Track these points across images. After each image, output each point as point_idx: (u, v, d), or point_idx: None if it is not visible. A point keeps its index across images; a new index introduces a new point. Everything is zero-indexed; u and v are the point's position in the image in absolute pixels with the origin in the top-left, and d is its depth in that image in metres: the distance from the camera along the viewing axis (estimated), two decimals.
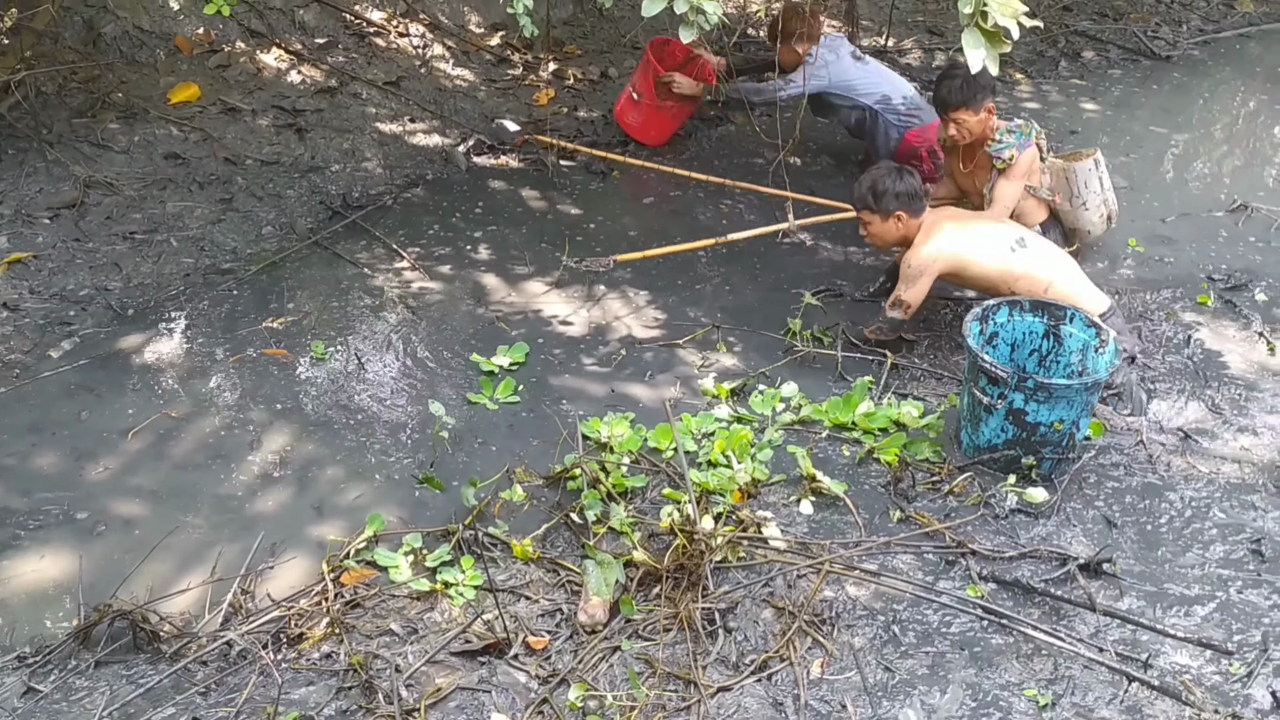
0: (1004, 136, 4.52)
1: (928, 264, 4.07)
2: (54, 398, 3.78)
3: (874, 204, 4.11)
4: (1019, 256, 4.07)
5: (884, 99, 5.29)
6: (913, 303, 4.13)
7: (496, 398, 3.94)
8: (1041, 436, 3.61)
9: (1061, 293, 4.03)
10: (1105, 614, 3.14)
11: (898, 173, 4.13)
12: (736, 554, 3.29)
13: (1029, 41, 7.30)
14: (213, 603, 3.07)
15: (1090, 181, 4.66)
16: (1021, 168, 4.50)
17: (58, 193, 4.80)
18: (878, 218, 4.13)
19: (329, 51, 5.98)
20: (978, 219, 4.30)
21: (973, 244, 4.11)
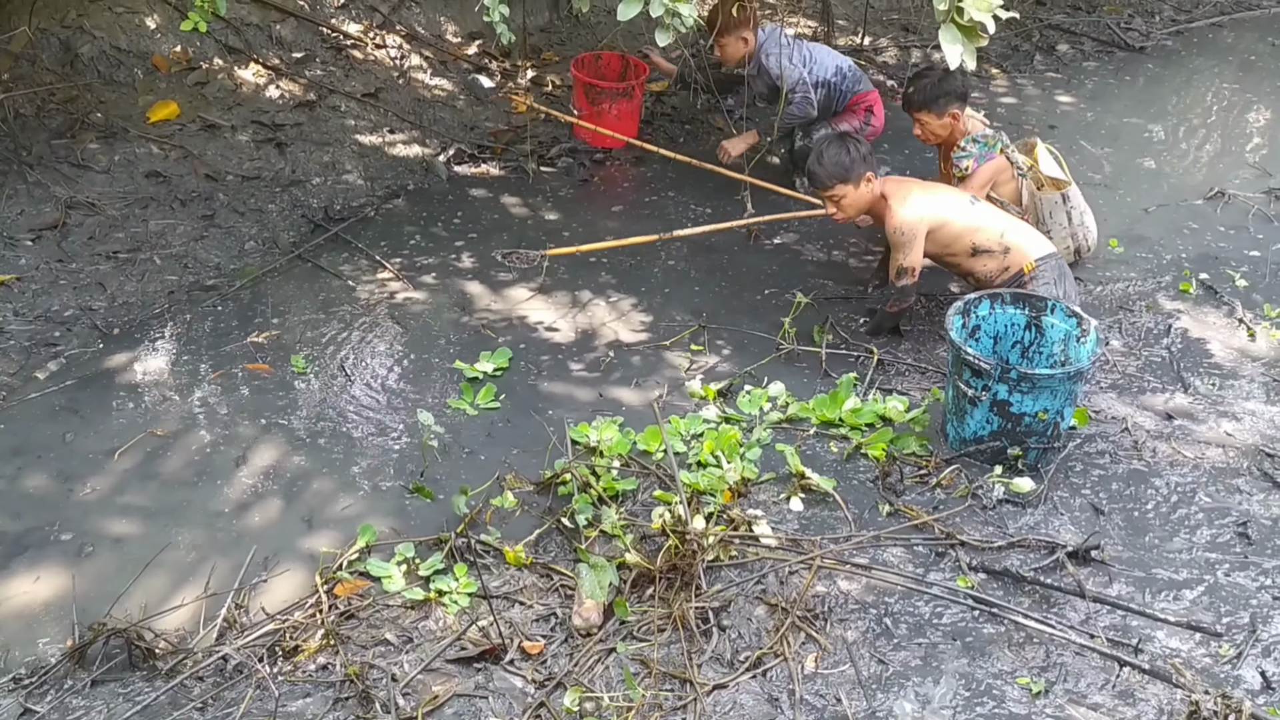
0: (968, 145, 4.57)
1: (916, 225, 4.15)
2: (41, 419, 3.77)
3: (846, 175, 4.15)
4: (976, 210, 4.26)
5: (838, 70, 5.31)
6: (914, 265, 4.19)
7: (477, 403, 3.95)
8: (1027, 427, 3.64)
9: (1014, 240, 4.21)
10: (1095, 600, 3.17)
11: (849, 139, 4.21)
12: (728, 553, 3.31)
13: (1003, 36, 7.36)
14: (207, 618, 3.07)
15: (1055, 214, 4.69)
16: (979, 180, 4.55)
17: (39, 214, 4.79)
18: (850, 187, 4.18)
19: (307, 65, 5.98)
20: (926, 184, 4.39)
21: (944, 203, 4.25)
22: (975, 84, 6.85)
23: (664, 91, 6.30)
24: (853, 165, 4.13)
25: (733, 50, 5.20)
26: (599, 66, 5.84)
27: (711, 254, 4.93)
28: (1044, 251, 4.22)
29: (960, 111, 4.62)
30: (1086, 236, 4.78)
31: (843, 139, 4.20)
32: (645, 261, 4.88)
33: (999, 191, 4.66)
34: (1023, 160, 4.64)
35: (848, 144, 4.16)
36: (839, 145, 4.16)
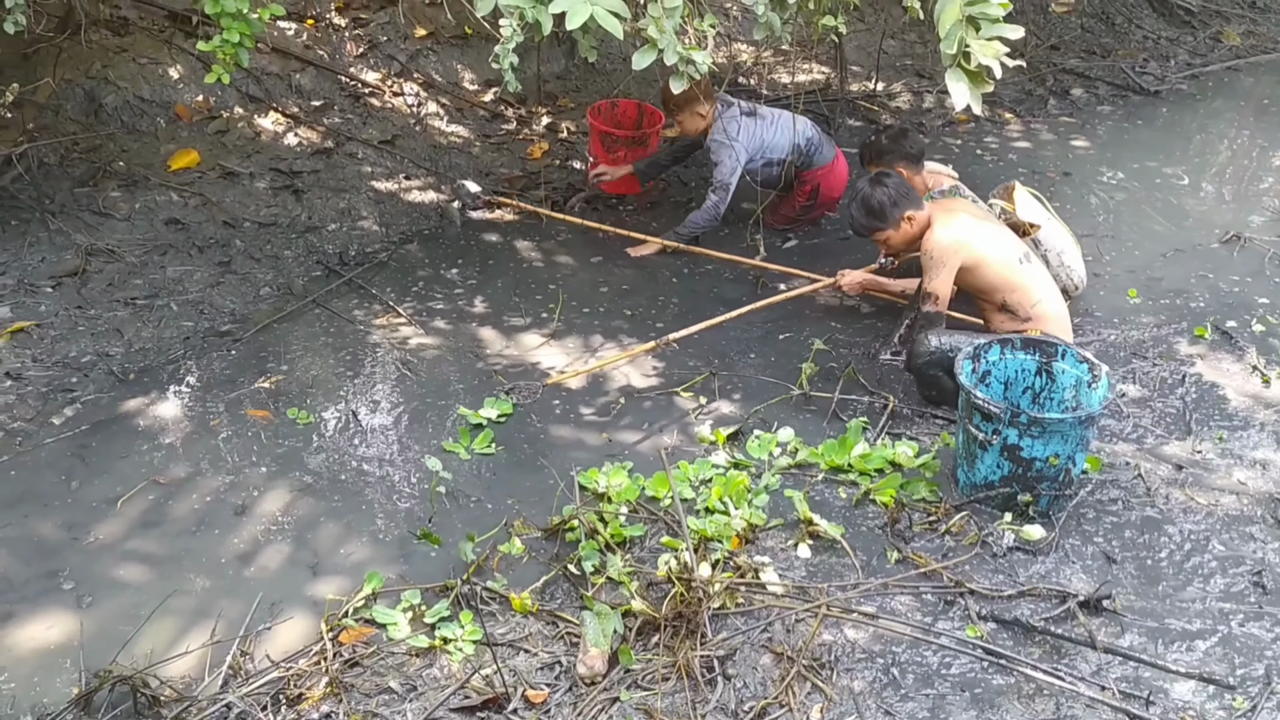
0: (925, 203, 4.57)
1: (950, 252, 4.04)
2: (56, 464, 3.81)
3: (881, 221, 4.13)
4: (1024, 270, 4.12)
5: (794, 148, 5.29)
6: (940, 293, 4.08)
7: (472, 449, 3.96)
8: (1037, 472, 3.62)
9: (1045, 312, 4.11)
10: (1106, 651, 3.13)
11: (877, 183, 4.16)
12: (735, 600, 3.29)
13: (1017, 81, 7.38)
14: (212, 665, 3.08)
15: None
16: None
17: (60, 261, 4.87)
18: (890, 230, 4.15)
19: (325, 113, 6.08)
20: (988, 218, 4.30)
21: (990, 242, 4.10)
22: (989, 128, 6.89)
23: (679, 138, 6.34)
24: (883, 210, 4.12)
25: (690, 124, 5.24)
26: (615, 114, 5.89)
27: (722, 302, 4.94)
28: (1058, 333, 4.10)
29: (908, 171, 4.63)
30: (1070, 276, 4.73)
31: (874, 184, 4.15)
32: (656, 307, 4.89)
33: None
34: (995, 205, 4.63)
35: (877, 190, 4.12)
36: (870, 191, 4.14)
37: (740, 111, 5.23)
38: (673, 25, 3.67)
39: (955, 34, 3.73)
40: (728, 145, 5.13)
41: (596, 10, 3.58)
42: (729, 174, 5.16)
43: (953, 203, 4.30)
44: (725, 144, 5.13)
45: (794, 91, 6.71)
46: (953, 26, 3.74)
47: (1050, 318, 4.11)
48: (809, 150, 5.36)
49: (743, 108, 5.27)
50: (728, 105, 5.24)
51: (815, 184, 5.46)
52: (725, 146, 5.14)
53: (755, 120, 5.25)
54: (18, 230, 4.98)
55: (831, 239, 5.55)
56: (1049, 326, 4.08)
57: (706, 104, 5.17)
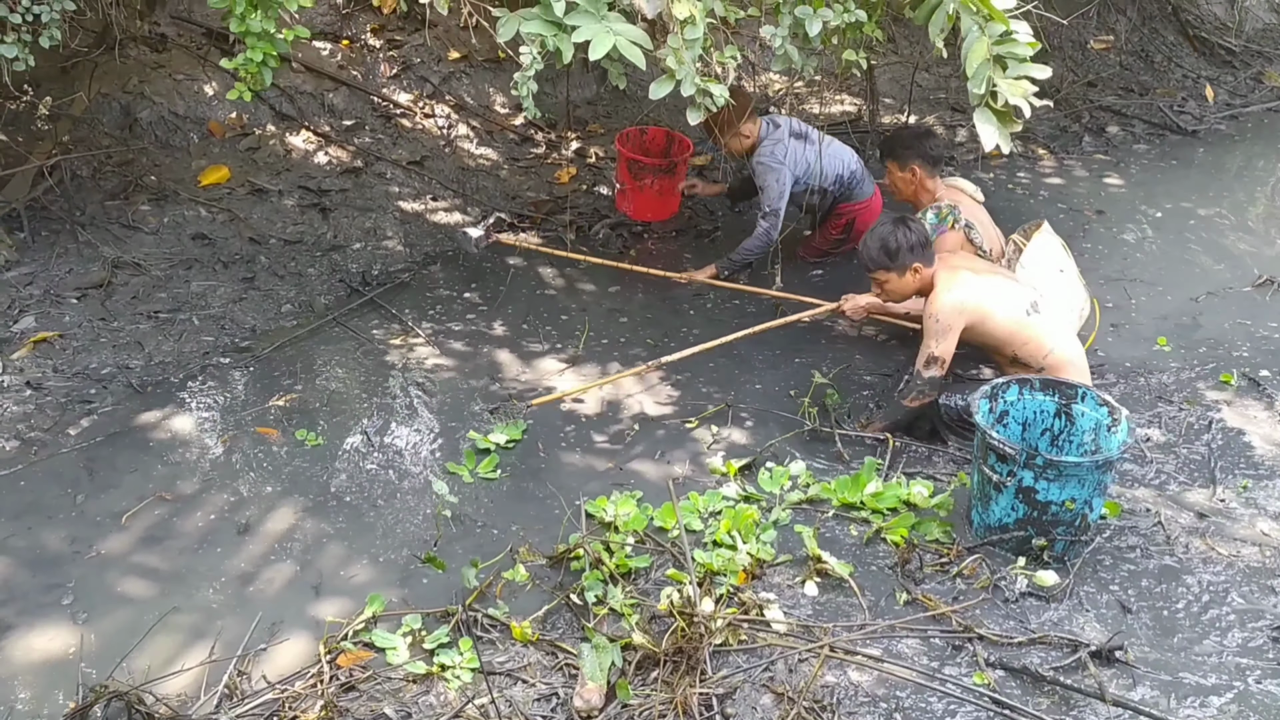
0: (924, 216, 4.52)
1: (955, 315, 3.98)
2: (65, 475, 3.83)
3: (890, 262, 4.06)
4: (1032, 321, 4.06)
5: (837, 179, 5.25)
6: (945, 357, 4.02)
7: (476, 472, 3.94)
8: (1053, 516, 3.55)
9: (1058, 360, 4.05)
10: (1116, 704, 3.05)
11: (903, 225, 4.08)
12: (737, 637, 3.24)
13: (1052, 117, 7.32)
14: (209, 684, 3.07)
15: None
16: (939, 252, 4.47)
17: (87, 273, 4.92)
18: (894, 274, 4.08)
19: (356, 133, 6.12)
20: (994, 271, 4.23)
21: (994, 298, 4.05)
22: (1021, 163, 6.83)
23: (707, 166, 6.34)
24: (897, 253, 4.03)
25: (735, 145, 5.17)
26: (643, 141, 5.88)
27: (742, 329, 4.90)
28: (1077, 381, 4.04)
29: (923, 171, 4.59)
30: None
31: (898, 224, 4.08)
32: (677, 338, 4.87)
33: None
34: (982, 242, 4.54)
35: (899, 230, 4.05)
36: (889, 229, 4.06)
37: (789, 133, 5.15)
38: (692, 56, 3.66)
39: (983, 73, 3.71)
40: (774, 169, 5.07)
41: (619, 41, 3.58)
42: (776, 199, 5.09)
43: (954, 258, 4.22)
44: (771, 167, 5.08)
45: (824, 123, 6.67)
46: (980, 66, 3.71)
47: (1064, 364, 4.05)
48: (851, 182, 5.32)
49: (793, 129, 5.18)
50: (776, 126, 5.17)
51: (851, 218, 5.41)
52: (771, 170, 5.07)
53: (804, 143, 5.15)
54: (47, 241, 5.04)
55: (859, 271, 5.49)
56: (1064, 374, 4.01)
57: (748, 123, 5.13)
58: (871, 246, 4.09)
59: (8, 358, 4.36)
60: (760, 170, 5.10)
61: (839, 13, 3.85)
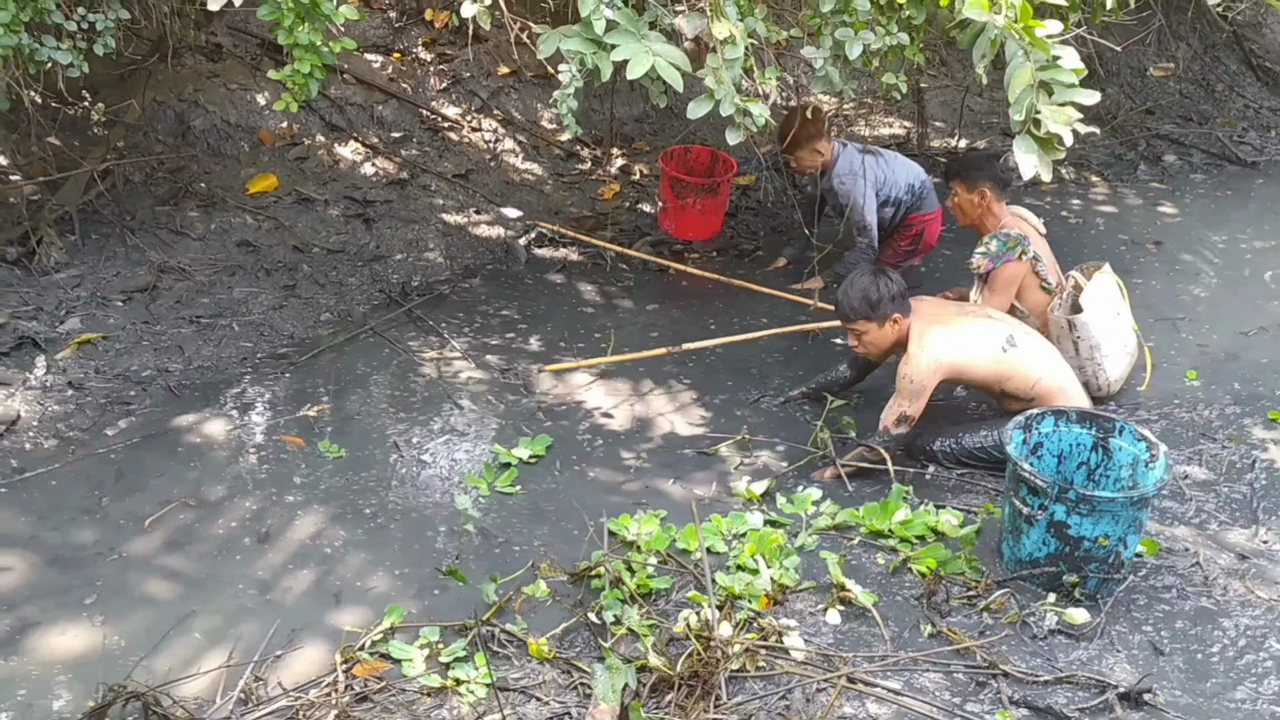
0: (990, 242, 4.45)
1: (929, 376, 3.96)
2: (99, 475, 3.89)
3: (871, 312, 4.01)
4: (1010, 355, 4.02)
5: (909, 188, 5.31)
6: (916, 416, 4.01)
7: (494, 485, 3.95)
8: (1086, 552, 3.46)
9: (1047, 388, 4.02)
10: None
11: (882, 276, 4.04)
12: (755, 663, 3.20)
13: (1107, 144, 7.21)
14: (226, 688, 3.09)
15: (1063, 339, 4.37)
16: (1000, 282, 4.43)
17: (133, 277, 5.01)
18: (874, 325, 4.03)
19: (404, 145, 6.18)
20: (963, 316, 4.15)
21: (966, 348, 4.02)
22: (1074, 190, 6.73)
23: (751, 185, 6.32)
24: (879, 304, 3.98)
25: (807, 162, 5.23)
26: (688, 160, 5.88)
27: (775, 350, 4.87)
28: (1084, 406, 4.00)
29: (992, 195, 4.52)
30: (1098, 374, 4.40)
31: (877, 275, 4.03)
32: (712, 354, 4.85)
33: (1023, 299, 4.50)
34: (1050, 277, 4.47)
35: (879, 281, 4.00)
36: (870, 280, 4.01)
37: (857, 150, 5.27)
38: (732, 76, 3.65)
39: (1025, 99, 3.64)
40: (855, 183, 5.14)
41: (658, 61, 3.58)
42: (864, 210, 5.19)
43: (920, 305, 4.14)
44: (853, 181, 5.14)
45: (872, 145, 6.63)
46: (1023, 92, 3.65)
47: (1053, 392, 4.02)
48: (921, 191, 5.36)
49: (857, 147, 5.31)
50: (845, 145, 5.29)
51: (920, 229, 5.43)
52: (854, 184, 5.15)
53: (876, 159, 5.28)
54: (97, 244, 5.14)
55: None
56: (1056, 401, 3.98)
57: (824, 141, 5.17)
58: (852, 296, 4.03)
59: (52, 357, 4.45)
60: (843, 189, 5.19)
61: (880, 35, 3.82)
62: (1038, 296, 4.48)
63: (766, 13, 3.90)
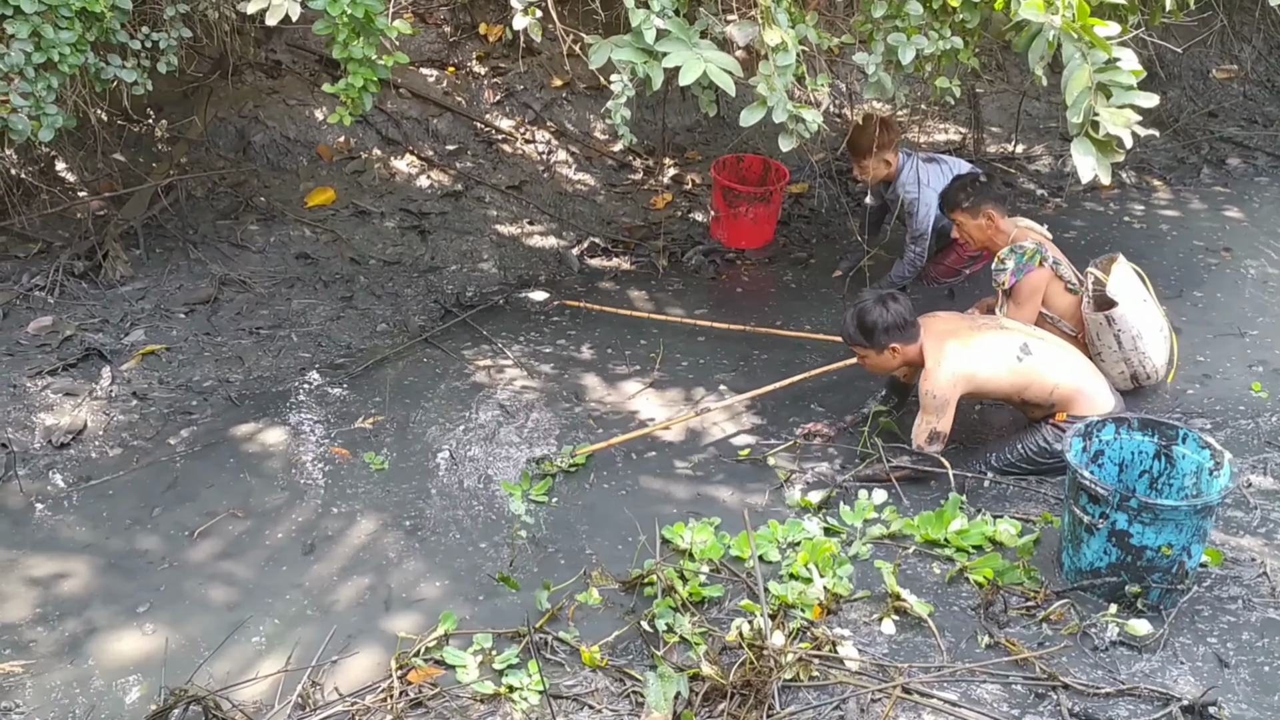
0: (1006, 257, 4.41)
1: (949, 390, 3.94)
2: (160, 483, 3.98)
3: (865, 341, 4.01)
4: (1025, 365, 3.99)
5: None
6: (946, 430, 3.99)
7: (529, 493, 3.97)
8: (1148, 562, 3.39)
9: (1066, 392, 3.99)
10: None
11: (882, 303, 4.00)
12: (808, 673, 3.17)
13: (1169, 148, 7.07)
14: (284, 692, 3.13)
15: (1103, 335, 4.37)
16: (1024, 294, 4.39)
17: (196, 289, 5.12)
18: (871, 351, 4.03)
19: (458, 157, 6.25)
20: (976, 331, 4.11)
21: (982, 361, 3.99)
22: (1135, 194, 6.61)
23: (803, 193, 6.30)
24: (873, 333, 3.97)
25: (876, 171, 5.21)
26: (740, 169, 5.87)
27: (821, 355, 4.84)
28: (1107, 407, 3.98)
29: (997, 214, 4.50)
30: (1143, 363, 4.40)
31: (882, 301, 4.01)
32: (760, 363, 4.83)
33: (1051, 306, 4.47)
34: (1071, 276, 4.43)
35: (877, 310, 3.97)
36: (869, 308, 3.99)
37: (922, 159, 5.24)
38: (784, 83, 3.64)
39: (1083, 102, 3.60)
40: (920, 193, 5.12)
41: (709, 68, 3.59)
42: (924, 220, 5.17)
43: (933, 322, 4.11)
44: (918, 191, 5.12)
45: (927, 151, 6.57)
46: (1081, 94, 3.60)
47: (1072, 394, 4.00)
48: None
49: (922, 156, 5.28)
50: (909, 155, 5.26)
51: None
52: (919, 195, 5.13)
53: (939, 166, 5.25)
54: (161, 258, 5.26)
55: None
56: (1076, 407, 3.96)
57: (893, 152, 5.17)
58: (850, 323, 4.05)
59: (118, 368, 4.56)
60: (907, 198, 5.16)
61: (933, 40, 3.79)
62: (1066, 300, 4.47)
63: (818, 19, 3.89)
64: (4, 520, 3.80)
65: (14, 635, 3.32)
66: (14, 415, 4.25)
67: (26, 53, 3.86)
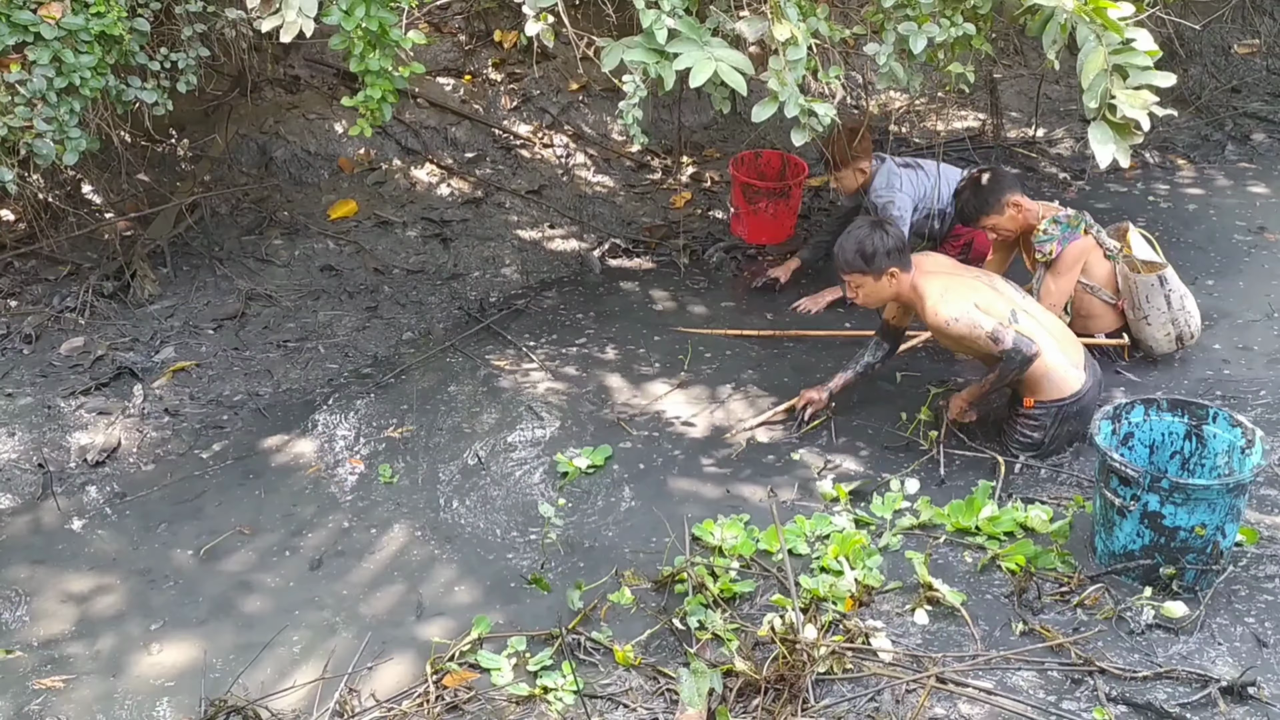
0: (1049, 227, 4.41)
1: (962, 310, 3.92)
2: (198, 495, 4.03)
3: (865, 265, 3.95)
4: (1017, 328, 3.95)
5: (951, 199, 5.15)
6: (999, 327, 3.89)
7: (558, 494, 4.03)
8: (1182, 543, 3.37)
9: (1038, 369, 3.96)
10: None
11: (879, 228, 3.99)
12: (842, 665, 3.17)
13: (1192, 125, 7.00)
14: (322, 699, 3.17)
15: (1153, 298, 4.42)
16: (1066, 263, 4.39)
17: (223, 305, 5.17)
18: (869, 279, 3.98)
19: (477, 164, 6.28)
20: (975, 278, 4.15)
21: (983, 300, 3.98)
22: (1159, 174, 6.56)
23: (822, 187, 6.28)
24: (874, 256, 3.93)
25: (849, 182, 5.19)
26: (758, 165, 5.86)
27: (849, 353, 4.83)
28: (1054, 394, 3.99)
29: (1023, 199, 4.49)
30: (1189, 322, 4.49)
31: (875, 227, 4.00)
32: (783, 361, 4.83)
33: (1090, 275, 4.49)
34: (1112, 243, 4.46)
35: (876, 233, 3.96)
36: (868, 232, 3.97)
37: (896, 164, 5.20)
38: (795, 78, 3.64)
39: (1099, 85, 3.57)
40: (893, 198, 5.08)
41: (720, 67, 3.59)
42: (903, 226, 5.07)
43: (924, 260, 4.12)
44: (890, 198, 5.08)
45: (944, 139, 6.55)
46: (1096, 77, 3.58)
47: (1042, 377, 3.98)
48: None
49: (897, 161, 5.24)
50: (882, 160, 5.22)
51: (969, 238, 5.32)
52: (891, 200, 5.08)
53: (915, 172, 5.20)
54: (188, 276, 5.32)
55: None
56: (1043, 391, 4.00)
57: (867, 160, 5.14)
58: (848, 249, 3.99)
59: (149, 386, 4.61)
60: (882, 204, 5.10)
61: (945, 28, 3.77)
62: (1105, 267, 4.51)
63: (829, 12, 3.88)
64: (42, 538, 3.86)
65: (54, 650, 3.38)
66: (49, 435, 4.32)
67: (48, 78, 3.92)
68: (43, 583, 3.65)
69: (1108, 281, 4.54)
